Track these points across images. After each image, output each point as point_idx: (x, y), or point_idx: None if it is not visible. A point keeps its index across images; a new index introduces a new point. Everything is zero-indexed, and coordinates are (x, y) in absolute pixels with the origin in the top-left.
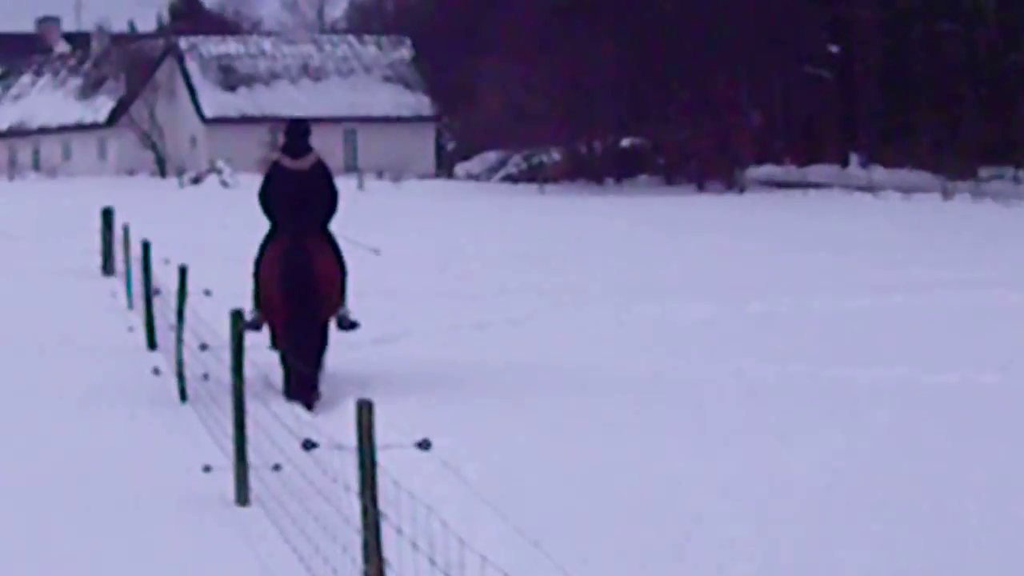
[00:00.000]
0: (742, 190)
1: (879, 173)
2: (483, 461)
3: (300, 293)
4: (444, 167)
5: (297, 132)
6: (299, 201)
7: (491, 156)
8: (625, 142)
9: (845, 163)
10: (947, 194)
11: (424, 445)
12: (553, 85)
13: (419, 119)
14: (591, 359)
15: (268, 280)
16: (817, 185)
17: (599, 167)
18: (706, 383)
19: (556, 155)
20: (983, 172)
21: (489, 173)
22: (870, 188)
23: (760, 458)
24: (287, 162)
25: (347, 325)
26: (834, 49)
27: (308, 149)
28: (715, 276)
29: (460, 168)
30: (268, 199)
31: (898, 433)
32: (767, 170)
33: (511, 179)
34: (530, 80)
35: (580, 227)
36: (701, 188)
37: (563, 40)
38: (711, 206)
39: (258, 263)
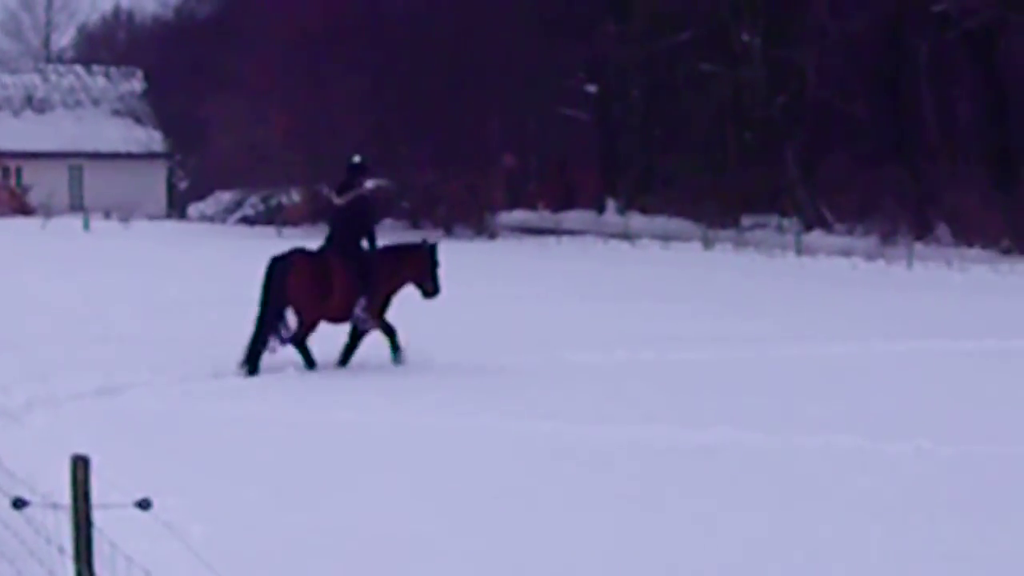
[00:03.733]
0: (493, 236)
1: (637, 220)
2: (209, 522)
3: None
4: (176, 207)
5: (348, 172)
6: (334, 230)
7: (226, 196)
8: (369, 184)
9: (602, 209)
10: (708, 243)
11: (144, 504)
12: (293, 123)
13: (150, 156)
14: (327, 413)
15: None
16: (572, 232)
17: None
18: (446, 437)
19: (296, 196)
20: (746, 220)
21: (224, 214)
22: (627, 236)
23: (503, 521)
24: (334, 198)
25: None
26: (592, 89)
27: (351, 187)
28: (461, 326)
29: (194, 208)
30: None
31: (644, 493)
32: (520, 215)
33: (248, 221)
34: (268, 117)
35: None
36: (449, 233)
37: (303, 76)
38: (460, 252)
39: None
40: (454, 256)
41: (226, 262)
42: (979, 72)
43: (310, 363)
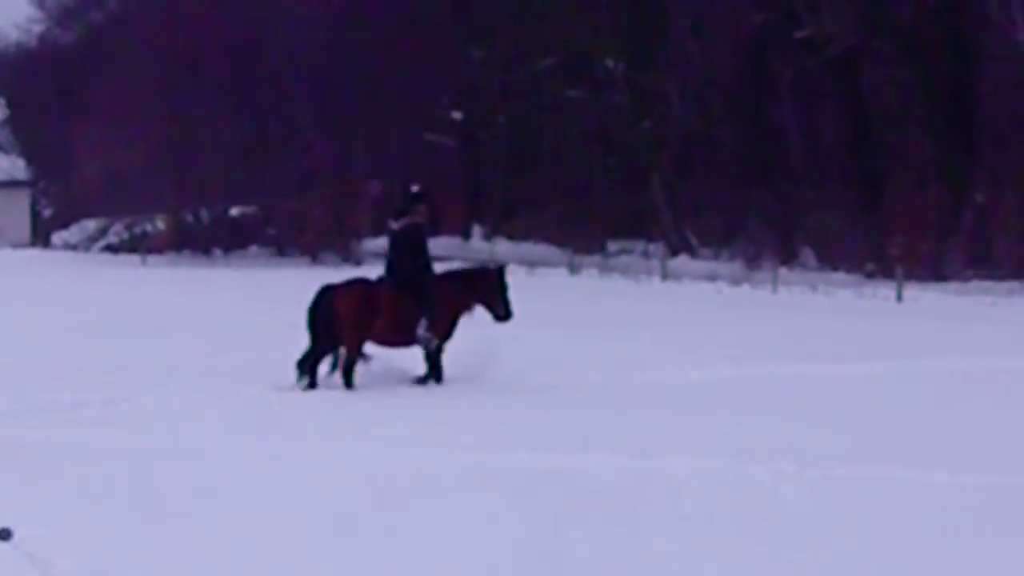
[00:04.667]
0: (359, 262)
1: (503, 246)
2: (74, 553)
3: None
4: (40, 235)
5: (406, 199)
6: (391, 255)
7: (91, 224)
8: (234, 211)
9: (468, 235)
10: (574, 268)
11: (5, 535)
12: (157, 150)
13: (13, 183)
14: (197, 441)
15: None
16: (438, 258)
17: (207, 237)
18: (328, 465)
19: (160, 224)
20: (611, 246)
21: (89, 242)
22: (493, 261)
23: (363, 550)
24: (391, 222)
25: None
26: (457, 115)
27: (405, 213)
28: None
29: (57, 237)
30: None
31: (492, 519)
32: (386, 241)
33: (112, 249)
34: (132, 144)
35: (184, 301)
36: (315, 260)
37: (167, 103)
38: (326, 279)
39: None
40: (318, 283)
41: (85, 290)
42: (843, 97)
43: (349, 384)
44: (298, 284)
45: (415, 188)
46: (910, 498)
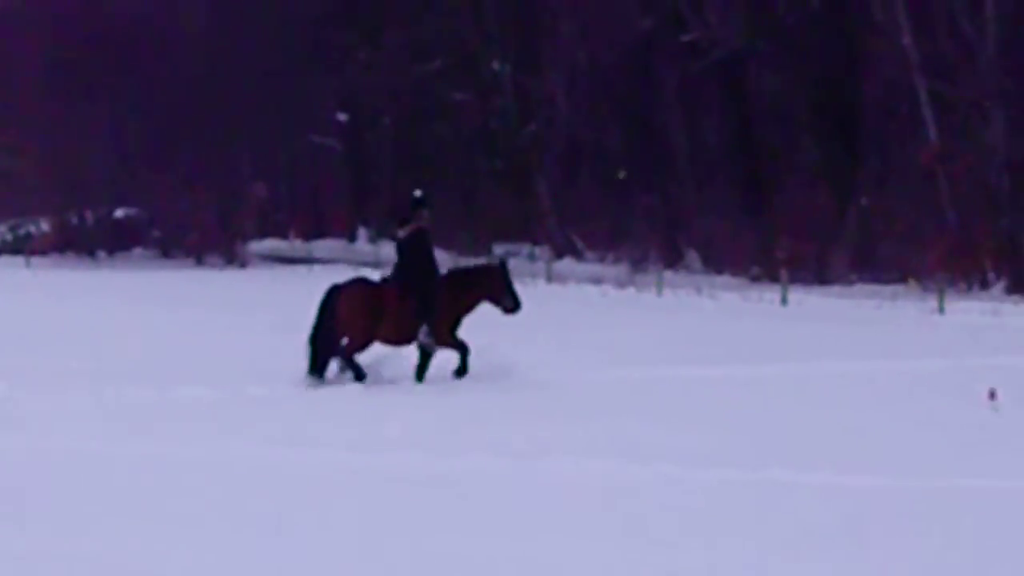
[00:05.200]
0: (243, 265)
1: (388, 249)
2: None
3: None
4: None
5: (410, 206)
6: (399, 261)
7: None
8: (119, 213)
9: (353, 238)
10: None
11: None
12: (41, 151)
13: None
14: (79, 444)
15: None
16: (323, 261)
17: (91, 239)
18: (208, 466)
19: (45, 225)
20: (497, 248)
21: None
22: (379, 264)
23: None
24: (397, 231)
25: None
26: (343, 118)
27: (409, 220)
28: (214, 356)
29: None
30: None
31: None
32: (271, 244)
33: None
34: (17, 145)
35: (68, 304)
36: (200, 262)
37: (52, 104)
38: (210, 281)
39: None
40: (206, 286)
41: None
42: (728, 100)
43: (359, 376)
44: (182, 288)
45: (417, 193)
46: (792, 499)
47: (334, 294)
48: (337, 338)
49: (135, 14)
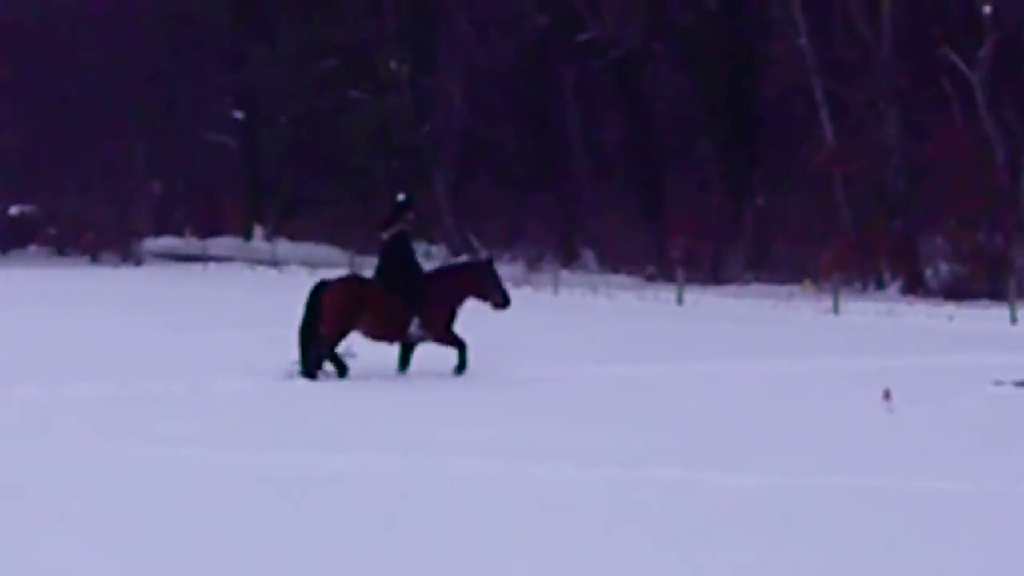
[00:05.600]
0: (139, 263)
1: (284, 247)
2: None
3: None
4: None
5: (392, 209)
6: (381, 262)
7: None
8: (14, 210)
9: (249, 236)
10: (355, 269)
11: None
12: None
13: None
14: None
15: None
16: (219, 258)
17: None
18: (95, 465)
19: None
20: None
21: None
22: (274, 262)
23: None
24: (380, 234)
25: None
26: (239, 115)
27: (391, 223)
28: (109, 353)
29: None
30: None
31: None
32: (166, 242)
33: None
34: None
35: None
36: (95, 260)
37: None
38: (106, 279)
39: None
40: (102, 283)
41: None
42: (625, 100)
43: (342, 371)
44: (77, 285)
45: (401, 197)
46: (680, 498)
47: (320, 290)
48: (320, 333)
49: (28, 11)
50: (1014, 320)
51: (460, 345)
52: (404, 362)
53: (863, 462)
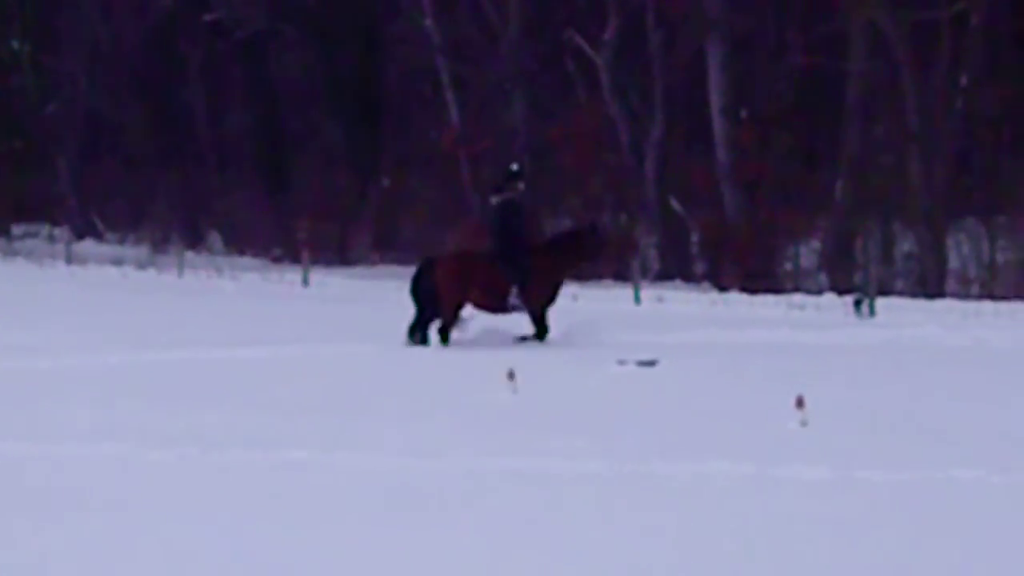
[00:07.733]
0: None
1: None
2: None
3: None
4: None
5: (505, 177)
6: (491, 227)
7: None
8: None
9: None
10: None
11: None
12: None
13: None
14: None
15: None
16: None
17: None
18: None
19: None
20: (16, 230)
21: None
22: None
23: None
24: (491, 197)
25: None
26: None
27: (502, 189)
28: None
29: None
30: None
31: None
32: None
33: None
34: None
35: None
36: None
37: None
38: None
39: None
40: None
41: None
42: (251, 81)
43: (445, 342)
44: None
45: (515, 167)
46: (310, 478)
47: (430, 266)
48: (436, 306)
49: None
50: (638, 301)
51: (542, 329)
52: (538, 329)
53: (486, 444)
